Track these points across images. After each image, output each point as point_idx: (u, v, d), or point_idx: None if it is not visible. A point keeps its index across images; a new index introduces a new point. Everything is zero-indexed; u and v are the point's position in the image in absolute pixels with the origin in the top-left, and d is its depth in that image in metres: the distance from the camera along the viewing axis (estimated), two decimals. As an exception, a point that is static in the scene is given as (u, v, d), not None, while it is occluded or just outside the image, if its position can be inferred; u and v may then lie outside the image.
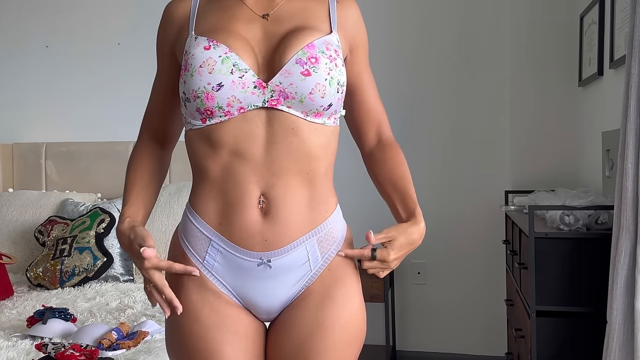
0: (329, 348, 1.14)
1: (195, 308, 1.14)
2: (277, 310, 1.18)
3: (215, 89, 1.10)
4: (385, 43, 3.31)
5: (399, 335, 3.38)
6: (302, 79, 1.11)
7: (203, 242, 1.16)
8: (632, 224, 1.69)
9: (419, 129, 3.30)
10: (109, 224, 2.87)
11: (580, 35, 2.94)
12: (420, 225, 1.16)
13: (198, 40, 1.14)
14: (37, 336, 1.98)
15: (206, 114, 1.12)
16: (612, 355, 1.72)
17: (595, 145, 2.63)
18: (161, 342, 1.93)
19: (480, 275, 3.27)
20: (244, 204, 1.13)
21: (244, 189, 1.13)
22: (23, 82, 3.68)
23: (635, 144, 1.68)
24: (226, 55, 1.11)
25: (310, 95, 1.11)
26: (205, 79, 1.10)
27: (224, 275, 1.15)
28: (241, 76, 1.11)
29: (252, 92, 1.11)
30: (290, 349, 1.14)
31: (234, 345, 1.13)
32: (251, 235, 1.13)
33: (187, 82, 1.12)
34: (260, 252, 1.13)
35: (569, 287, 2.03)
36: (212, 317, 1.13)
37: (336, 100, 1.15)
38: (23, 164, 3.51)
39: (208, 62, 1.10)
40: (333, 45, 1.16)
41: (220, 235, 1.15)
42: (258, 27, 1.17)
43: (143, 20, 3.54)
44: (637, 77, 1.67)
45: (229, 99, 1.10)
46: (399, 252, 1.13)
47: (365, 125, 1.29)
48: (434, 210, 3.31)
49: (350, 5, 1.25)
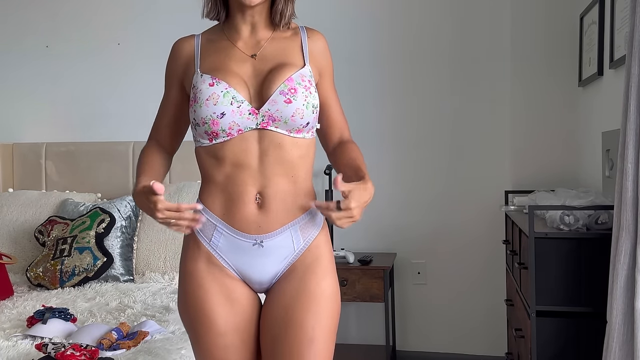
0: (310, 309, 1.43)
1: (201, 276, 1.46)
2: (268, 282, 1.49)
3: (219, 117, 1.41)
4: (386, 44, 3.32)
5: (399, 335, 3.38)
6: (285, 106, 1.42)
7: (210, 227, 1.46)
8: (632, 224, 1.69)
9: (419, 129, 3.30)
10: (109, 224, 2.87)
11: (580, 35, 2.94)
12: (368, 184, 1.40)
13: (204, 77, 1.46)
14: (37, 336, 1.98)
15: (212, 135, 1.43)
16: (612, 355, 1.72)
17: (595, 145, 2.63)
18: (161, 342, 1.94)
19: (480, 275, 3.27)
20: (243, 201, 1.44)
21: (243, 190, 1.44)
22: (23, 82, 3.68)
23: (635, 144, 1.68)
24: (226, 90, 1.43)
25: (292, 117, 1.43)
26: (211, 109, 1.42)
27: (226, 253, 1.46)
28: (238, 106, 1.42)
29: (247, 117, 1.43)
30: (279, 311, 1.45)
31: (226, 308, 1.45)
32: (248, 222, 1.44)
33: (196, 111, 1.43)
34: (255, 234, 1.45)
35: (569, 287, 2.03)
36: (212, 285, 1.45)
37: (312, 119, 1.47)
38: (23, 164, 3.51)
39: (212, 96, 1.42)
40: (307, 77, 1.48)
41: (223, 222, 1.46)
42: (249, 65, 1.49)
43: (143, 20, 3.54)
44: (637, 77, 1.67)
45: (230, 124, 1.42)
46: (358, 201, 1.35)
47: (331, 132, 1.60)
48: (434, 210, 3.31)
49: (317, 38, 1.56)
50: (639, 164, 1.67)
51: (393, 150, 3.33)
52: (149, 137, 1.61)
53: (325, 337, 1.45)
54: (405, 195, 3.34)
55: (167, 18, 3.51)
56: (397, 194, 3.34)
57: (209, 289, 1.45)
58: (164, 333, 2.04)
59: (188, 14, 3.49)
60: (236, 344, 1.46)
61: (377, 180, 3.33)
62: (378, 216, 3.34)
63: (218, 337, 1.44)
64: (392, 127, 3.33)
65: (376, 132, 3.31)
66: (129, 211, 2.98)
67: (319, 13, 3.11)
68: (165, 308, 2.35)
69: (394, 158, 3.33)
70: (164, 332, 2.05)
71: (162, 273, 2.80)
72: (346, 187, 1.34)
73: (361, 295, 2.99)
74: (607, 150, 2.33)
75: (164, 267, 2.81)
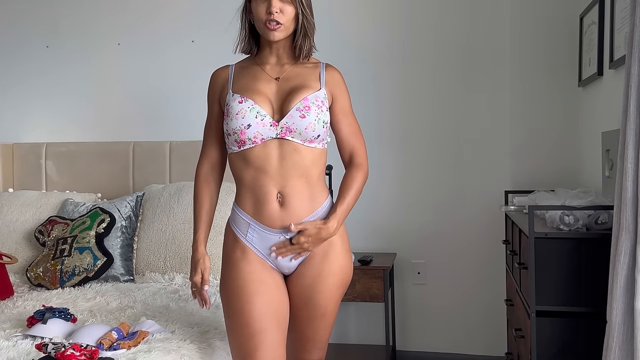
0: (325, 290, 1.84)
1: (240, 265, 1.81)
2: (294, 267, 1.85)
3: (246, 128, 1.78)
4: (386, 44, 3.32)
5: (399, 335, 3.38)
6: (300, 120, 1.78)
7: (245, 225, 1.83)
8: (632, 224, 1.69)
9: (419, 129, 3.31)
10: (109, 224, 2.87)
11: (580, 35, 2.94)
12: (328, 224, 1.81)
13: (234, 96, 1.82)
14: (37, 336, 1.98)
15: (241, 143, 1.79)
16: (612, 355, 1.72)
17: (595, 145, 2.63)
18: (161, 342, 1.94)
19: (480, 275, 3.28)
20: (267, 200, 1.80)
21: (267, 190, 1.80)
22: (23, 82, 3.69)
23: (635, 144, 1.68)
24: (252, 107, 1.79)
25: (306, 129, 1.79)
26: (240, 121, 1.78)
27: (258, 244, 1.82)
28: (262, 119, 1.78)
29: (269, 128, 1.78)
30: (302, 290, 1.85)
31: (263, 289, 1.78)
32: (274, 218, 1.80)
33: (228, 124, 1.80)
34: (280, 229, 1.80)
35: (569, 287, 2.03)
36: (249, 271, 1.80)
37: (322, 132, 1.83)
38: (23, 164, 3.51)
39: (241, 111, 1.78)
40: (320, 98, 1.83)
41: (255, 220, 1.82)
42: (273, 86, 1.85)
43: (143, 20, 3.55)
44: (637, 77, 1.67)
45: (254, 134, 1.78)
46: (308, 236, 1.79)
47: (341, 149, 1.95)
48: (434, 210, 3.31)
49: (334, 72, 1.92)
50: (639, 164, 1.67)
51: (393, 150, 3.33)
52: (202, 156, 1.95)
53: (333, 308, 1.88)
54: (405, 195, 3.34)
55: (167, 18, 3.52)
56: (397, 194, 3.34)
57: (246, 276, 1.78)
58: (164, 333, 2.04)
59: (188, 14, 3.51)
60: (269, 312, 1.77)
61: (378, 181, 3.35)
62: (378, 216, 3.34)
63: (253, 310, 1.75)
64: (392, 127, 3.33)
65: (376, 132, 3.31)
66: (129, 211, 2.98)
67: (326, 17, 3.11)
68: (165, 308, 2.35)
69: (394, 158, 3.33)
70: (164, 332, 2.05)
71: (162, 273, 2.80)
72: (300, 227, 1.78)
73: (361, 295, 2.99)
74: (607, 150, 2.33)
75: (164, 267, 2.81)
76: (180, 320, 2.18)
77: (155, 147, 3.35)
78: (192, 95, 3.41)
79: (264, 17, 1.79)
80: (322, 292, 1.83)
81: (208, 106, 1.94)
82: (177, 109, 3.49)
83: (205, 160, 1.94)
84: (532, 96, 3.17)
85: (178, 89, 3.48)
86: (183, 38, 3.49)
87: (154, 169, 3.33)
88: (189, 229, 2.80)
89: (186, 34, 3.49)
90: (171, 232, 2.84)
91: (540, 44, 3.14)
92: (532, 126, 3.17)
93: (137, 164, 3.37)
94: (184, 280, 2.76)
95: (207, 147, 1.94)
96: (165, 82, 3.50)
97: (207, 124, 1.94)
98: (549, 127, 3.15)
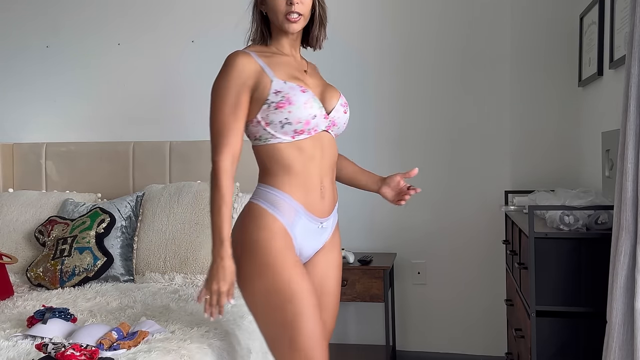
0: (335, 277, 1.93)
1: (282, 251, 1.73)
2: (311, 256, 1.88)
3: (312, 118, 1.75)
4: (386, 43, 3.32)
5: (399, 335, 3.38)
6: (343, 115, 1.87)
7: (292, 210, 1.76)
8: (632, 224, 1.69)
9: (419, 129, 3.30)
10: (109, 224, 2.87)
11: (580, 35, 2.94)
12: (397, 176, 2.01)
13: (291, 85, 1.74)
14: (37, 336, 1.98)
15: (299, 133, 1.75)
16: (612, 355, 1.72)
17: (595, 145, 2.63)
18: (161, 342, 1.93)
19: (480, 275, 3.28)
20: (314, 190, 1.80)
21: (315, 180, 1.80)
22: (23, 82, 3.69)
23: (635, 144, 1.68)
24: (314, 98, 1.77)
25: (344, 124, 1.89)
26: (308, 111, 1.73)
27: (298, 233, 1.78)
28: (322, 111, 1.79)
29: (323, 121, 1.79)
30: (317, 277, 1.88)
31: (303, 271, 1.75)
32: (317, 207, 1.81)
33: (292, 112, 1.71)
34: (320, 218, 1.83)
35: (569, 287, 2.03)
36: (289, 256, 1.74)
37: None
38: (23, 164, 3.51)
39: (308, 101, 1.74)
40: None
41: (304, 208, 1.78)
42: (307, 77, 1.85)
43: (143, 20, 3.54)
44: (637, 77, 1.67)
45: (315, 125, 1.76)
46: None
47: None
48: (434, 210, 3.31)
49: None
50: (639, 164, 1.67)
51: (393, 151, 3.33)
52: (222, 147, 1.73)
53: (339, 289, 1.96)
54: (405, 195, 3.34)
55: (167, 18, 3.52)
56: (397, 194, 3.34)
57: (288, 260, 1.72)
58: (164, 333, 2.04)
59: (188, 14, 3.51)
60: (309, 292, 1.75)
61: (377, 180, 3.32)
62: (378, 216, 3.34)
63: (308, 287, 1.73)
64: (391, 127, 3.33)
65: (376, 132, 3.31)
66: (129, 211, 2.98)
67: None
68: (165, 308, 2.35)
69: (394, 158, 3.33)
70: (164, 332, 2.05)
71: (162, 273, 2.80)
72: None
73: (361, 295, 2.99)
74: (607, 150, 2.33)
75: (164, 267, 2.81)
76: (180, 320, 2.18)
77: (155, 147, 3.36)
78: (192, 95, 3.41)
79: (284, 9, 1.74)
80: (333, 279, 1.91)
81: (229, 94, 1.73)
82: (177, 109, 3.49)
83: (228, 153, 1.73)
84: (532, 96, 3.17)
85: (178, 89, 3.48)
86: (183, 38, 3.49)
87: (154, 169, 3.33)
88: (189, 229, 2.80)
89: (186, 34, 3.49)
90: (171, 232, 2.84)
91: (540, 44, 3.14)
92: (532, 126, 3.17)
93: (137, 164, 3.37)
94: (184, 280, 2.76)
95: (231, 138, 1.73)
96: (165, 82, 3.50)
97: (230, 113, 1.73)
98: (549, 127, 3.15)
